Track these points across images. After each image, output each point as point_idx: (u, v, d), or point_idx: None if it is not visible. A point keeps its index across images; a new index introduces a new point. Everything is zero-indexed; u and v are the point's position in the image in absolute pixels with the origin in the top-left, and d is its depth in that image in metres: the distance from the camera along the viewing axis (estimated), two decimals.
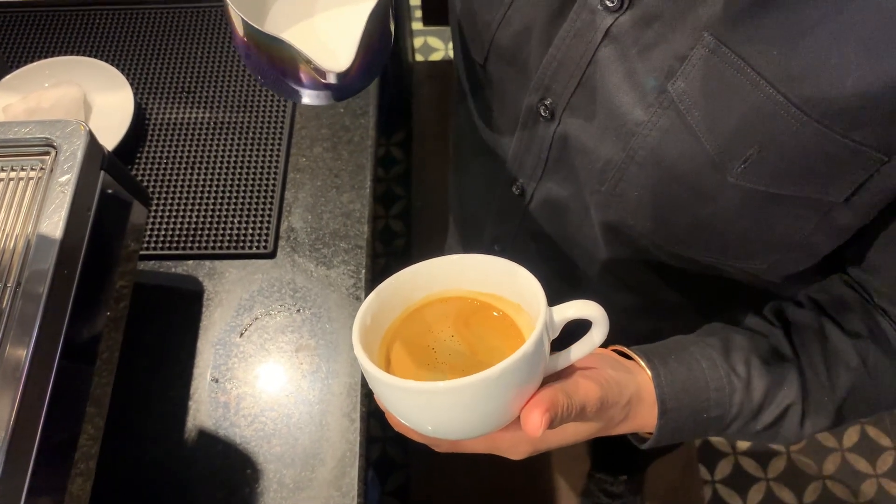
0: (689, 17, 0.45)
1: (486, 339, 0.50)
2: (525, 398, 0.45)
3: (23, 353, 0.51)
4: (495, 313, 0.51)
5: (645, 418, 0.54)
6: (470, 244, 0.90)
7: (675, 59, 0.46)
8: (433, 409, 0.44)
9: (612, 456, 1.62)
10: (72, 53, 0.98)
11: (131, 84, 0.91)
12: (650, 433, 0.56)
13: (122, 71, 0.93)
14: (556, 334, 0.47)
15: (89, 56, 0.95)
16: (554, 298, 0.47)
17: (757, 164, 0.45)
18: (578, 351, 0.49)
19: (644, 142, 0.50)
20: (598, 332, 0.47)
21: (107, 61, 0.94)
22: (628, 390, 0.52)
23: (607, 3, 0.49)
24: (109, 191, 0.64)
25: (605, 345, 0.49)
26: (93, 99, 0.93)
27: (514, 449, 0.53)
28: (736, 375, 0.55)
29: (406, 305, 0.52)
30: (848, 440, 1.71)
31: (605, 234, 0.61)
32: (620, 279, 0.68)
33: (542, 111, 0.57)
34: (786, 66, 0.42)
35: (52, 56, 0.95)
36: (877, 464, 1.68)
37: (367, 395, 0.74)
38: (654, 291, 0.68)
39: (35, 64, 0.93)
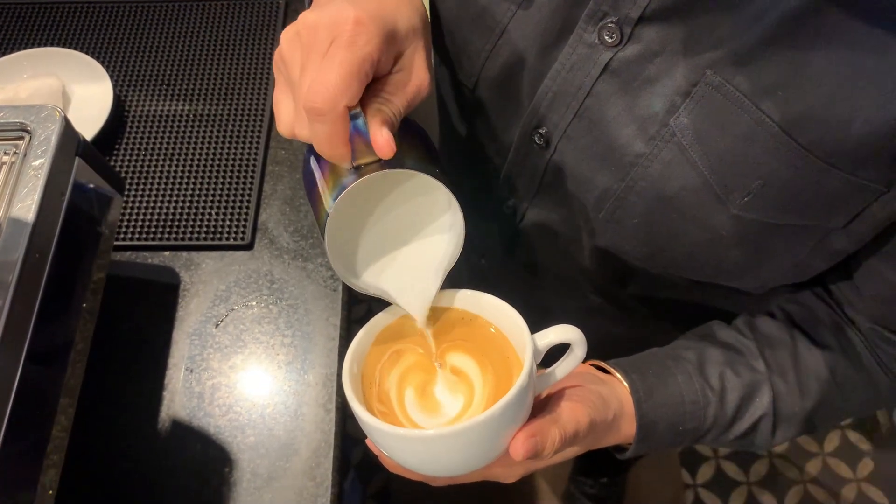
0: (691, 54, 0.44)
1: (474, 359, 0.50)
2: (517, 429, 0.45)
3: None
4: (482, 330, 0.51)
5: (626, 431, 0.55)
6: None
7: (678, 94, 0.46)
8: (430, 453, 0.44)
9: (593, 459, 1.62)
10: (51, 45, 0.97)
11: (111, 76, 0.91)
12: (629, 444, 0.56)
13: (102, 63, 0.92)
14: (540, 359, 0.47)
15: (69, 48, 0.95)
16: (534, 320, 0.47)
17: (760, 197, 0.45)
18: (562, 370, 0.49)
19: (644, 173, 0.49)
20: (580, 350, 0.48)
21: (87, 53, 0.93)
22: (612, 406, 0.53)
23: (606, 38, 0.47)
24: (84, 177, 0.63)
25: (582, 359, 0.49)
26: (72, 90, 0.92)
27: (508, 472, 0.54)
28: (710, 388, 0.56)
29: (384, 325, 0.52)
30: (829, 444, 1.72)
31: (595, 256, 0.61)
32: (603, 298, 0.68)
33: (536, 139, 0.56)
34: (791, 107, 0.41)
35: (31, 47, 0.95)
36: (857, 468, 1.69)
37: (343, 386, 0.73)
38: (636, 310, 0.68)
39: (13, 55, 0.93)
